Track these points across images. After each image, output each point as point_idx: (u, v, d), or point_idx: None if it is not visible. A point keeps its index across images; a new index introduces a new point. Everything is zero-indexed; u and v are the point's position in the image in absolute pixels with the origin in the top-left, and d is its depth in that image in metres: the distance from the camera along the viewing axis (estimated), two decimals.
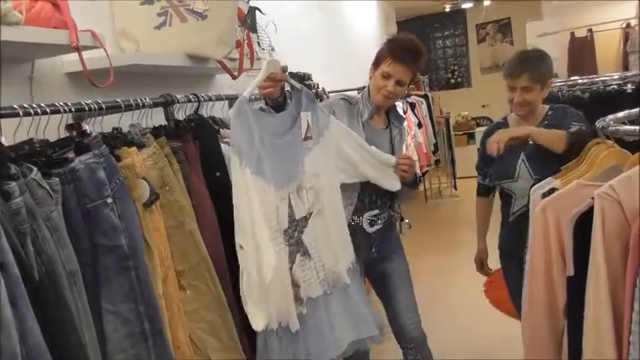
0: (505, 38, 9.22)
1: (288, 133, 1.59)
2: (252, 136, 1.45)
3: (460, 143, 8.38)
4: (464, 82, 9.49)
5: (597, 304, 1.27)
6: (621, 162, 1.48)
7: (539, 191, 1.63)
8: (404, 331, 2.06)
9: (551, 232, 1.50)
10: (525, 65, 1.94)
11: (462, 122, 8.56)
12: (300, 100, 1.66)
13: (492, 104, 9.08)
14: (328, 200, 1.67)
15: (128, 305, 1.09)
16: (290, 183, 1.55)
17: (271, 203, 1.47)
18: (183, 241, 1.32)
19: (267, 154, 1.48)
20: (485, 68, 9.36)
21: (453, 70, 9.50)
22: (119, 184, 1.11)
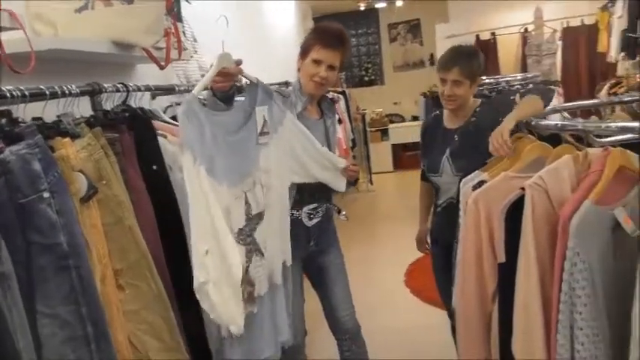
0: (415, 38, 9.57)
1: (242, 129, 1.55)
2: (203, 134, 1.39)
3: (375, 139, 8.62)
4: (377, 80, 9.74)
5: (527, 288, 1.35)
6: (543, 154, 1.59)
7: (469, 184, 1.71)
8: (339, 322, 2.09)
9: (482, 222, 1.58)
10: (457, 59, 2.00)
11: (377, 119, 8.81)
12: (256, 94, 1.62)
13: (404, 101, 9.43)
14: (277, 198, 1.66)
15: (68, 307, 1.01)
16: (245, 180, 1.52)
17: (223, 203, 1.42)
18: (122, 237, 1.25)
19: (219, 152, 1.42)
20: (397, 67, 9.66)
21: (366, 67, 9.72)
22: (57, 176, 1.02)
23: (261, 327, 1.56)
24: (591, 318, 1.21)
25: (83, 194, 1.11)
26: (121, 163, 1.30)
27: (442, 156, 2.08)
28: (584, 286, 1.20)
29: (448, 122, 2.15)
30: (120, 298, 1.24)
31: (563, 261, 1.23)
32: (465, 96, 2.04)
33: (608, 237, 1.23)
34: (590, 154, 1.36)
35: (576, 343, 1.22)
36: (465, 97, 2.06)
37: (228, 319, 1.35)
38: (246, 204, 1.51)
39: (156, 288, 1.29)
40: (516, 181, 1.53)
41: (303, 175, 1.84)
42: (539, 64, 6.80)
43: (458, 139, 2.06)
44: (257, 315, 1.55)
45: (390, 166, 8.71)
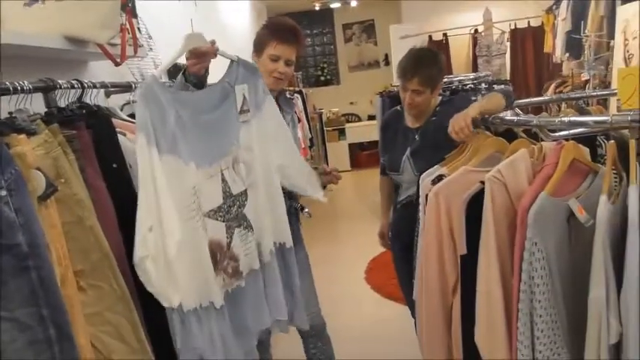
0: (370, 39, 9.69)
1: (219, 108, 1.52)
2: (164, 115, 1.35)
3: (332, 138, 8.69)
4: (333, 80, 9.80)
5: (489, 279, 1.40)
6: (499, 149, 1.64)
7: (428, 178, 1.75)
8: None
9: (443, 215, 1.62)
10: (417, 68, 2.01)
11: (333, 118, 8.87)
12: (237, 72, 1.59)
13: (359, 101, 9.53)
14: (262, 175, 1.64)
15: (28, 310, 0.96)
16: (222, 158, 1.50)
17: (188, 182, 1.39)
18: (83, 237, 1.20)
19: (186, 132, 1.39)
20: (352, 66, 9.75)
21: (322, 67, 9.76)
22: (14, 174, 0.97)
23: (252, 302, 1.58)
24: (550, 305, 1.26)
25: (41, 193, 1.07)
26: (79, 161, 1.26)
27: (403, 155, 2.11)
28: (542, 275, 1.25)
29: (409, 121, 2.17)
30: (81, 299, 1.19)
31: (522, 251, 1.28)
32: (425, 102, 2.06)
33: (563, 227, 1.28)
34: (545, 147, 1.42)
35: (536, 330, 1.27)
36: (427, 103, 2.07)
37: (162, 293, 1.32)
38: (223, 182, 1.49)
39: (119, 288, 1.25)
40: (475, 174, 1.57)
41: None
42: (490, 64, 7.02)
43: (419, 138, 2.09)
44: (247, 290, 1.56)
45: (347, 165, 8.78)
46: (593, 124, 1.31)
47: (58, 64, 2.08)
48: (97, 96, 1.84)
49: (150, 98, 1.33)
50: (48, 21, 1.72)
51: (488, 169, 1.47)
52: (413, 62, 2.05)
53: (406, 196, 2.15)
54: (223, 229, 1.50)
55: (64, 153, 1.20)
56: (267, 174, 1.67)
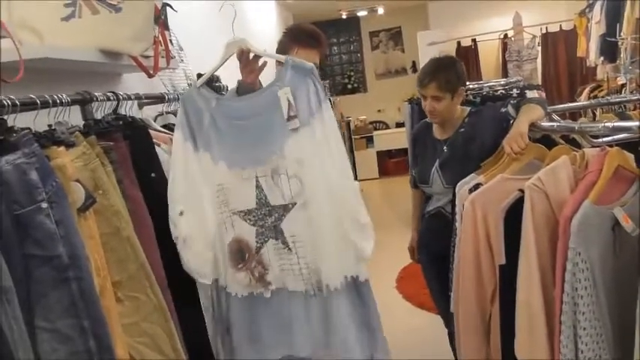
0: (397, 46, 9.64)
1: (261, 114, 1.49)
2: (200, 118, 1.52)
3: (360, 147, 8.65)
4: (360, 88, 9.78)
5: (529, 289, 1.36)
6: (537, 156, 1.60)
7: (465, 187, 1.72)
8: None
9: (479, 224, 1.58)
10: (434, 74, 1.98)
11: (361, 126, 8.84)
12: (285, 74, 1.49)
13: (387, 109, 9.48)
14: (315, 193, 1.48)
15: (69, 321, 0.97)
16: (258, 166, 1.48)
17: (214, 179, 1.52)
18: (120, 248, 1.22)
19: (220, 135, 1.51)
20: (379, 74, 9.72)
21: (349, 75, 9.75)
22: (55, 186, 0.99)
23: (275, 319, 1.55)
24: (594, 318, 1.22)
25: (80, 204, 1.08)
26: (117, 173, 1.27)
27: (432, 167, 2.08)
28: (586, 286, 1.21)
29: (437, 132, 2.14)
30: (118, 310, 1.20)
31: (565, 261, 1.24)
32: (447, 109, 2.02)
33: (608, 236, 1.24)
34: (587, 154, 1.38)
35: (580, 344, 1.22)
36: (448, 110, 2.03)
37: (197, 271, 1.48)
38: (257, 188, 1.50)
39: (155, 299, 1.26)
40: (512, 182, 1.54)
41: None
42: (520, 69, 6.91)
43: (447, 150, 2.06)
44: (271, 304, 1.56)
45: (375, 173, 8.73)
46: (638, 129, 1.27)
47: (93, 77, 2.12)
48: (131, 108, 1.88)
49: (188, 103, 1.54)
50: (84, 35, 1.75)
51: (527, 176, 1.44)
52: (429, 69, 2.03)
53: (435, 206, 2.12)
54: (253, 233, 1.52)
55: (102, 164, 1.22)
56: (325, 193, 1.49)
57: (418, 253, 2.33)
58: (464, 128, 2.04)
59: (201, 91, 1.54)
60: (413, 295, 3.69)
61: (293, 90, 1.47)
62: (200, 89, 1.55)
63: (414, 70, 9.22)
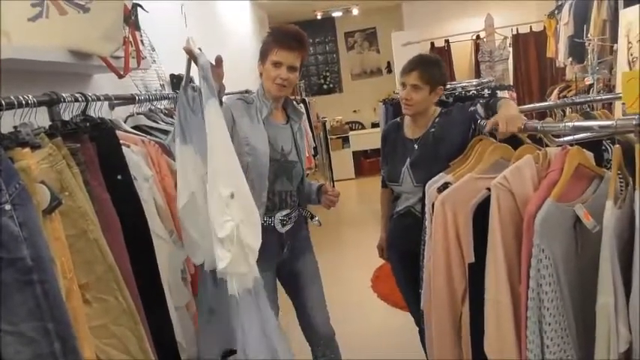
0: (372, 46, 9.70)
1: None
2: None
3: (336, 147, 8.69)
4: (335, 88, 9.81)
5: (497, 286, 1.38)
6: (504, 155, 1.64)
7: (434, 186, 1.74)
8: (314, 328, 2.09)
9: (449, 223, 1.61)
10: (419, 64, 2.03)
11: (337, 126, 8.88)
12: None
13: (363, 109, 9.54)
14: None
15: (32, 324, 0.96)
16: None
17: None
18: (87, 250, 1.20)
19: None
20: (355, 75, 9.77)
21: (325, 76, 9.77)
22: (19, 188, 0.98)
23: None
24: (558, 313, 1.25)
25: (46, 206, 1.07)
26: (84, 174, 1.26)
27: (402, 166, 2.10)
28: (550, 282, 1.24)
29: (408, 131, 2.16)
30: (86, 312, 1.19)
31: (529, 258, 1.27)
32: (422, 102, 2.05)
33: (570, 233, 1.28)
34: (550, 153, 1.41)
35: (545, 339, 1.25)
36: (423, 104, 2.06)
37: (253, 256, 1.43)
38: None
39: (124, 301, 1.25)
40: (481, 181, 1.57)
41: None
42: (492, 69, 7.02)
43: (418, 149, 2.09)
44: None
45: (351, 173, 8.78)
46: (599, 128, 1.31)
47: (62, 77, 2.09)
48: (101, 109, 1.86)
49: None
50: (52, 35, 1.73)
51: (494, 175, 1.47)
52: (415, 60, 2.08)
53: (404, 206, 2.14)
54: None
55: (68, 166, 1.21)
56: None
57: (387, 252, 2.35)
58: (434, 128, 2.07)
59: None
60: (388, 295, 3.71)
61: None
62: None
63: (389, 70, 9.29)
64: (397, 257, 2.26)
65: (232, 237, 1.35)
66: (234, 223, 1.36)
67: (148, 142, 1.75)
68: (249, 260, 1.39)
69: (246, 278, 1.40)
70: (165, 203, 1.68)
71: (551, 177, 1.30)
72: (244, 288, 1.40)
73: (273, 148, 1.94)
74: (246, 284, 1.40)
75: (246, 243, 1.39)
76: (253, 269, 1.43)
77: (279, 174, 1.97)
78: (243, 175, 1.47)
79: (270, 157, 1.90)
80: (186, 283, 1.75)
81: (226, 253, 1.35)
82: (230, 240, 1.35)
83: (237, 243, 1.36)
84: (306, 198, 2.15)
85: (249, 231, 1.40)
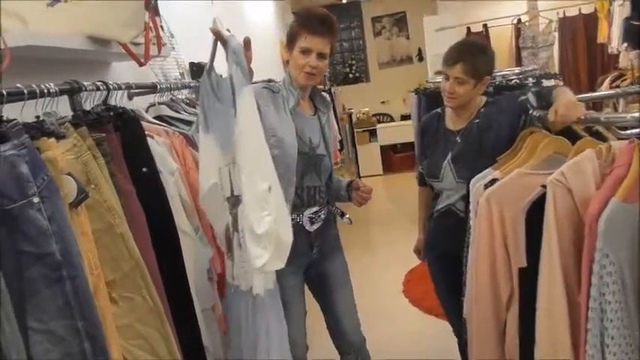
0: (401, 32, 9.64)
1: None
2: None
3: (362, 140, 8.66)
4: (362, 77, 9.78)
5: (551, 294, 1.36)
6: (560, 150, 1.61)
7: (480, 182, 1.72)
8: (344, 335, 2.09)
9: (495, 222, 1.59)
10: (462, 55, 1.98)
11: (364, 119, 8.84)
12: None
13: (391, 100, 9.48)
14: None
15: (62, 322, 0.99)
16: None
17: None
18: (113, 246, 1.23)
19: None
20: (382, 63, 9.71)
21: (350, 64, 9.74)
22: (47, 180, 1.00)
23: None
24: (623, 326, 1.21)
25: (72, 199, 1.09)
26: (109, 166, 1.28)
27: (443, 160, 2.08)
28: (614, 291, 1.20)
29: (450, 123, 2.14)
30: (112, 311, 1.21)
31: (591, 264, 1.23)
32: (467, 95, 2.02)
33: (638, 237, 1.24)
34: (614, 147, 1.38)
35: (607, 354, 1.22)
36: (468, 97, 2.03)
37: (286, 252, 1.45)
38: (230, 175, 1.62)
39: (151, 300, 1.27)
40: (531, 178, 1.54)
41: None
42: (535, 57, 6.91)
43: (461, 142, 2.06)
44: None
45: (379, 169, 8.75)
46: None
47: (80, 65, 2.12)
48: (121, 98, 1.88)
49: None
50: (71, 21, 1.75)
51: (547, 171, 1.44)
52: (459, 49, 2.03)
53: (445, 204, 2.12)
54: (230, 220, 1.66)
55: (94, 157, 1.23)
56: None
57: (425, 255, 2.34)
58: (479, 119, 2.04)
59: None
60: (421, 300, 3.70)
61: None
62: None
63: (420, 58, 9.22)
64: (436, 260, 2.24)
65: (271, 233, 1.35)
66: (272, 219, 1.36)
67: (172, 133, 1.77)
68: (283, 257, 1.40)
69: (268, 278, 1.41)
70: (190, 198, 1.70)
71: (617, 174, 1.27)
72: (266, 288, 1.42)
73: (301, 140, 1.94)
74: (268, 284, 1.42)
75: (281, 239, 1.40)
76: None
77: (308, 168, 1.98)
78: (274, 168, 1.47)
79: (298, 150, 1.90)
80: (212, 284, 1.77)
81: (262, 250, 1.36)
82: (268, 237, 1.35)
83: (274, 239, 1.36)
84: (335, 194, 2.15)
85: (284, 226, 1.41)
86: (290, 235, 1.46)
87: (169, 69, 2.95)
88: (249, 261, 1.45)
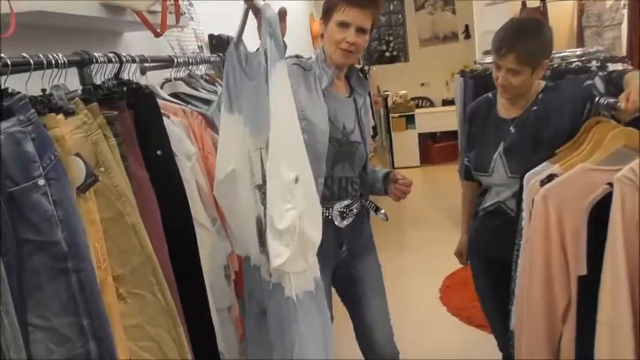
0: (446, 6, 9.54)
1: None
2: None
3: (398, 127, 8.61)
4: (400, 56, 9.72)
5: (615, 305, 1.34)
6: (630, 142, 1.58)
7: (535, 178, 1.70)
8: (375, 346, 2.09)
9: (553, 224, 1.57)
10: (515, 42, 1.92)
11: (401, 103, 8.78)
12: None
13: (433, 82, 9.40)
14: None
15: (66, 319, 1.00)
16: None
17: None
18: (123, 237, 1.24)
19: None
20: (424, 40, 9.63)
21: (387, 40, 9.68)
22: (54, 160, 1.01)
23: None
24: None
25: (80, 183, 1.10)
26: (121, 147, 1.29)
27: (494, 152, 2.06)
28: None
29: (503, 110, 2.11)
30: (120, 309, 1.23)
31: None
32: (524, 85, 1.98)
33: None
34: None
35: None
36: (525, 86, 2.00)
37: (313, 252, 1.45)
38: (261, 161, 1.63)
39: (163, 299, 1.28)
40: (597, 174, 1.52)
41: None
42: (600, 37, 6.77)
43: (515, 132, 2.04)
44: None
45: (416, 160, 8.70)
46: None
47: (90, 35, 2.14)
48: (135, 72, 1.90)
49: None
50: None
51: (616, 167, 1.42)
52: (510, 34, 1.97)
53: (494, 202, 2.10)
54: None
55: (105, 137, 1.24)
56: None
57: (469, 258, 2.33)
58: (537, 106, 2.01)
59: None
60: (461, 309, 3.68)
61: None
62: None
63: (467, 35, 9.11)
64: (481, 265, 2.23)
65: (293, 229, 1.35)
66: (297, 213, 1.36)
67: (190, 113, 1.78)
68: (308, 257, 1.40)
69: (305, 278, 1.40)
70: (208, 186, 1.71)
71: None
72: (304, 290, 1.41)
73: (334, 125, 1.93)
74: (307, 285, 1.41)
75: (307, 236, 1.38)
76: (313, 267, 1.43)
77: (340, 157, 1.97)
78: (306, 156, 1.45)
79: (330, 135, 1.90)
80: (229, 282, 1.78)
81: (283, 248, 1.36)
82: (290, 233, 1.35)
83: (298, 236, 1.36)
84: (370, 187, 2.14)
85: (311, 222, 1.40)
86: (319, 233, 1.45)
87: (187, 41, 2.97)
88: (269, 259, 1.45)
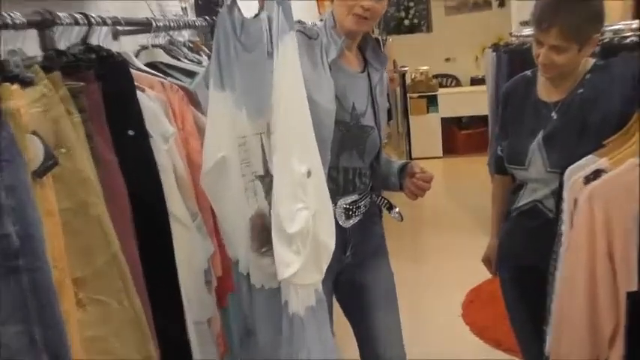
0: None
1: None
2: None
3: (418, 109, 8.60)
4: (422, 25, 9.74)
5: None
6: None
7: (579, 174, 1.72)
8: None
9: (598, 229, 1.59)
10: (559, 14, 1.91)
11: (421, 81, 8.77)
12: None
13: (460, 57, 9.41)
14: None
15: (14, 328, 0.99)
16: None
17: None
18: (86, 232, 1.23)
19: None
20: (450, 7, 9.65)
21: (407, 7, 9.70)
22: (7, 138, 1.01)
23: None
24: None
25: (37, 167, 1.10)
26: (86, 125, 1.29)
27: (532, 141, 2.06)
28: None
29: (544, 92, 2.11)
30: (78, 318, 1.23)
31: None
32: (570, 63, 1.98)
33: None
34: None
35: None
36: (572, 65, 2.00)
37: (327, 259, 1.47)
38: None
39: (131, 308, 1.28)
40: None
41: None
42: None
43: (557, 118, 2.04)
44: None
45: (438, 149, 8.73)
46: None
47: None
48: (105, 38, 1.90)
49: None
50: None
51: None
52: (554, 4, 1.97)
53: (530, 200, 2.11)
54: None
55: (68, 113, 1.24)
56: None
57: (498, 267, 2.34)
58: (584, 88, 2.01)
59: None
60: (485, 328, 3.71)
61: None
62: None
63: (502, 3, 9.10)
64: (512, 275, 2.24)
65: (306, 233, 1.34)
66: (310, 214, 1.36)
67: (170, 87, 1.77)
68: (322, 266, 1.39)
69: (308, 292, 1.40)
70: (188, 174, 1.71)
71: None
72: (306, 306, 1.41)
73: (341, 104, 1.94)
74: (309, 300, 1.41)
75: (321, 241, 1.39)
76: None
77: (347, 143, 1.98)
78: (316, 145, 1.46)
79: (336, 118, 1.90)
80: (210, 290, 1.79)
81: (293, 255, 1.35)
82: (302, 237, 1.34)
83: (310, 242, 1.36)
84: (382, 180, 2.15)
85: (325, 225, 1.40)
86: (332, 237, 1.46)
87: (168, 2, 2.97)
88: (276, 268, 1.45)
